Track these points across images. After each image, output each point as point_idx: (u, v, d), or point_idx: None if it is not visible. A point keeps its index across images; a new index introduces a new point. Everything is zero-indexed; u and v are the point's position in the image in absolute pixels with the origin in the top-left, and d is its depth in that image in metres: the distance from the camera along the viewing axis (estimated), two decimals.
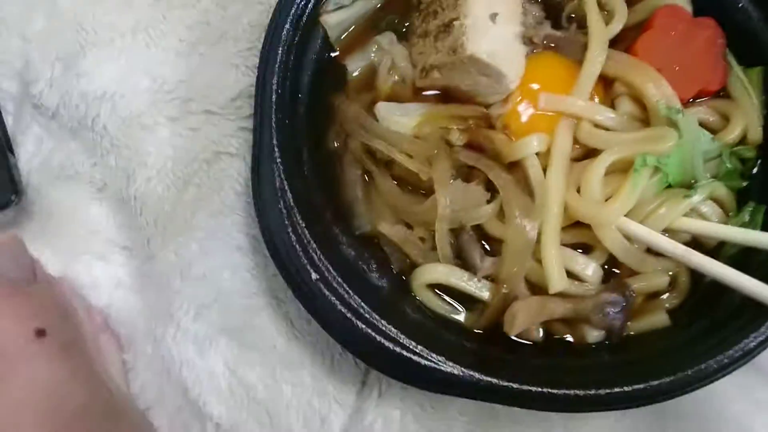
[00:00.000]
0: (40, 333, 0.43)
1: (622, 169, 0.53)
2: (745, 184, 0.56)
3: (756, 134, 0.57)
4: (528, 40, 0.57)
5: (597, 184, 0.52)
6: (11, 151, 0.57)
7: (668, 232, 0.53)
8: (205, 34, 0.60)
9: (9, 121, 0.60)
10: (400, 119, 0.55)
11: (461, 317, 0.52)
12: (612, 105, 0.57)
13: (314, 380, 0.56)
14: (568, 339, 0.53)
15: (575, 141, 0.55)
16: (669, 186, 0.54)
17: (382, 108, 0.55)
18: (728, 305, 0.51)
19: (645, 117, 0.56)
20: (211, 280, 0.56)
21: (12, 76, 0.61)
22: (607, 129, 0.55)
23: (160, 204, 0.56)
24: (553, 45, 0.59)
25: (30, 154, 0.60)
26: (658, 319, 0.53)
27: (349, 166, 0.55)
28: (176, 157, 0.57)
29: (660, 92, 0.55)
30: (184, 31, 0.60)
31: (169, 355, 0.56)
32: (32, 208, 0.59)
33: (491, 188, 0.53)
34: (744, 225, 0.54)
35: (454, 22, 0.54)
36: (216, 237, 0.57)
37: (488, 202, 0.53)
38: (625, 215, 0.52)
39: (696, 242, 0.55)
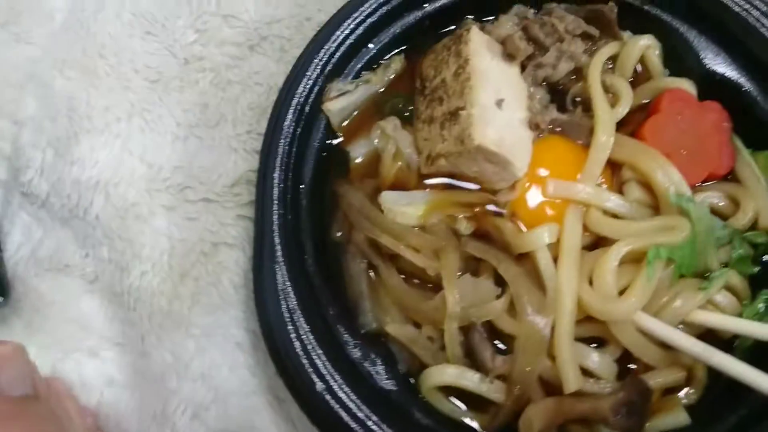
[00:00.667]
0: None
1: (634, 259, 0.52)
2: (756, 270, 0.55)
3: (767, 219, 0.55)
4: (534, 126, 0.56)
5: (610, 277, 0.50)
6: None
7: (683, 323, 0.52)
8: (203, 117, 0.59)
9: None
10: (405, 209, 0.53)
11: (473, 421, 0.50)
12: (620, 190, 0.56)
13: None
14: None
15: (585, 228, 0.54)
16: (681, 275, 0.53)
17: (387, 197, 0.53)
18: (753, 400, 0.49)
19: (655, 203, 0.55)
20: (208, 378, 0.53)
21: (1, 162, 0.58)
22: (616, 216, 0.54)
23: (155, 299, 0.54)
24: (559, 129, 0.58)
25: (17, 244, 0.57)
26: (677, 417, 0.50)
27: (353, 258, 0.53)
28: (173, 249, 0.55)
29: (669, 179, 0.54)
30: (181, 114, 0.59)
31: None
32: (19, 303, 0.56)
33: (500, 281, 0.51)
34: (759, 316, 0.53)
35: (461, 111, 0.53)
36: (214, 333, 0.54)
37: (498, 296, 0.51)
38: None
39: (711, 331, 0.53)
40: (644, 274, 0.50)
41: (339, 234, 0.54)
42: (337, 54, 0.55)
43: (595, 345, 0.52)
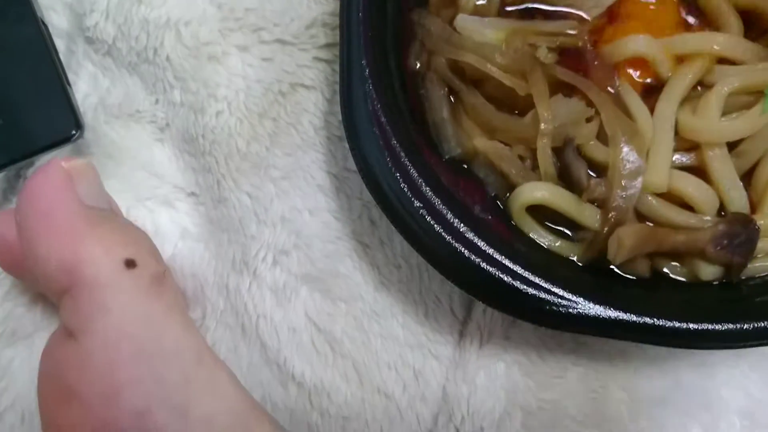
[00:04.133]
0: (130, 263, 0.39)
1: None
2: None
3: None
4: None
5: (715, 102, 0.48)
6: (68, 83, 0.54)
7: None
8: None
9: None
10: (482, 30, 0.51)
11: (567, 247, 0.49)
12: None
13: (406, 332, 0.52)
14: (678, 276, 0.49)
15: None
16: None
17: (462, 20, 0.51)
18: None
19: None
20: (290, 223, 0.53)
21: (61, 10, 0.58)
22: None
23: (232, 140, 0.53)
24: None
25: (84, 95, 0.57)
26: None
27: (433, 86, 0.52)
28: (249, 88, 0.54)
29: None
30: None
31: (244, 309, 0.53)
32: (89, 150, 0.55)
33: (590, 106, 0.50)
34: None
35: None
36: (294, 176, 0.54)
37: (589, 120, 0.49)
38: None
39: None
40: (756, 107, 0.48)
41: (417, 64, 0.52)
42: None
43: None
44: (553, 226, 0.50)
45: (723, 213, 0.49)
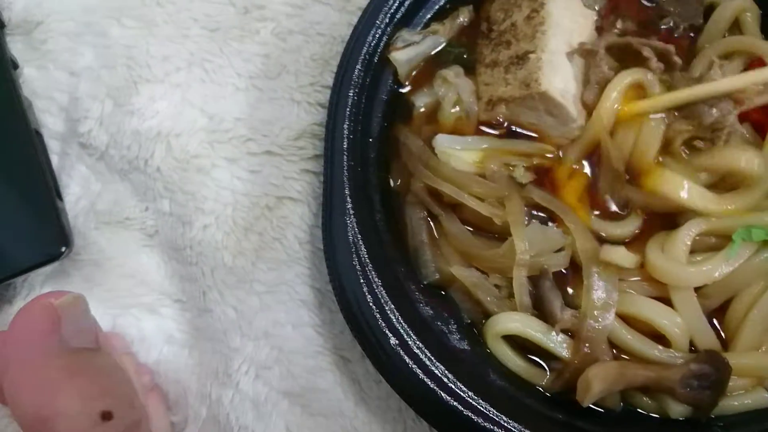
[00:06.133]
0: (106, 416, 0.40)
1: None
2: None
3: None
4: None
5: (681, 245, 0.49)
6: (60, 197, 0.55)
7: None
8: (263, 68, 0.59)
9: (54, 160, 0.59)
10: (460, 154, 0.53)
11: (539, 376, 0.50)
12: None
13: None
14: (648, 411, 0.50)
15: None
16: None
17: (441, 140, 0.53)
18: None
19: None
20: (272, 337, 0.54)
21: (57, 113, 0.60)
22: None
23: (218, 253, 0.55)
24: None
25: (76, 197, 0.59)
26: (758, 398, 0.49)
27: (413, 209, 0.53)
28: (236, 202, 0.56)
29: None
30: (241, 64, 0.59)
31: (226, 420, 0.54)
32: (79, 256, 0.57)
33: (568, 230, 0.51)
34: None
35: (530, 55, 0.53)
36: (278, 290, 0.55)
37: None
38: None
39: None
40: (723, 252, 0.49)
41: (398, 183, 0.54)
42: (407, 2, 0.55)
43: None
44: (528, 353, 0.51)
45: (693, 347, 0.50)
